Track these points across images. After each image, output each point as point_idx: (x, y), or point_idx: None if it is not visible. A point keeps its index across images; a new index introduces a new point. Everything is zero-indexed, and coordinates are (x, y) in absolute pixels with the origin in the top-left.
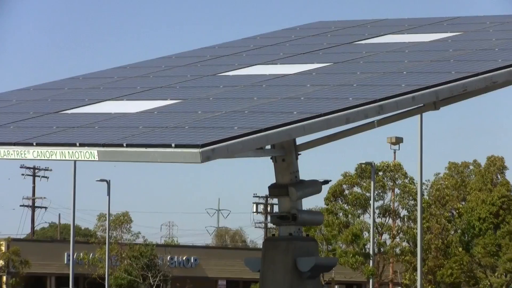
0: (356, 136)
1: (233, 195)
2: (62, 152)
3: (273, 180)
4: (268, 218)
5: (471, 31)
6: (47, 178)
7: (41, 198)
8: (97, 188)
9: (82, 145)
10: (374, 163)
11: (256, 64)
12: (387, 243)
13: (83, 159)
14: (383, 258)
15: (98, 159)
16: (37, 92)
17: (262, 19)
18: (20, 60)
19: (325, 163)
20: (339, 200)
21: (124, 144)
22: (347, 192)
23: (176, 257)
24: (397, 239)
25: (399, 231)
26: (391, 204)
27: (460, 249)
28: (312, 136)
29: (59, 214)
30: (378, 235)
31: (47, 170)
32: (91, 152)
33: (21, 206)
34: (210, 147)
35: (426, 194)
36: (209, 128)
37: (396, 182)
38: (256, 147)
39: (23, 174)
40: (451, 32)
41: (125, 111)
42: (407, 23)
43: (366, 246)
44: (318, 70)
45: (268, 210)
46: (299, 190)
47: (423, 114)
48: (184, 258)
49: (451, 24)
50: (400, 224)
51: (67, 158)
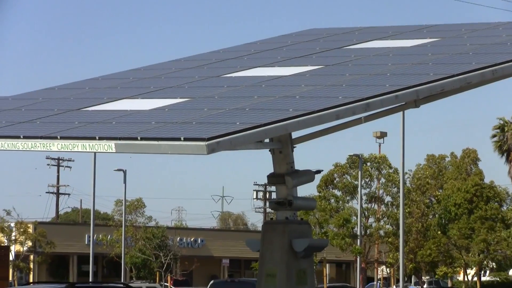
0: (345, 130)
1: (235, 183)
2: (83, 144)
3: (271, 170)
4: (267, 204)
5: (448, 37)
6: (70, 168)
7: (64, 185)
8: (114, 177)
9: (101, 138)
10: (362, 155)
11: (256, 67)
12: (373, 226)
13: (102, 151)
14: (369, 240)
15: (115, 151)
16: (61, 91)
17: (262, 26)
18: (31, 61)
19: (317, 154)
20: (330, 187)
21: (139, 138)
22: (337, 181)
23: (184, 238)
24: (381, 223)
25: (384, 216)
26: (376, 191)
27: (438, 231)
28: (306, 131)
29: (81, 200)
30: (365, 219)
31: (70, 160)
32: (109, 144)
33: (46, 193)
34: (215, 140)
35: (407, 183)
36: (214, 124)
37: (381, 172)
38: (256, 140)
39: (48, 164)
40: (430, 38)
41: (139, 108)
42: (391, 30)
43: (354, 229)
44: (311, 72)
45: (267, 196)
46: (295, 178)
47: (405, 111)
48: (191, 239)
49: (430, 31)
50: (384, 209)
51: (88, 150)
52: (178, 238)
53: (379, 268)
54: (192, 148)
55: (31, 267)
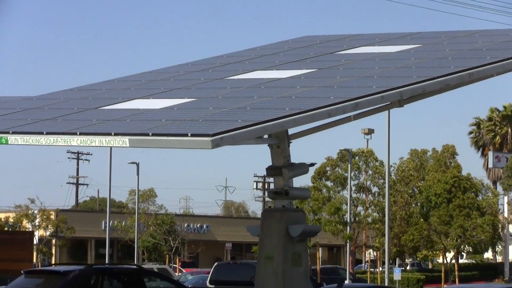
0: (336, 127)
1: (237, 175)
2: (100, 140)
3: (269, 163)
4: (266, 194)
5: (429, 43)
6: (88, 161)
7: (83, 177)
8: (128, 169)
9: (116, 134)
10: (351, 150)
11: (256, 70)
12: (361, 214)
13: (117, 145)
14: (358, 226)
15: (129, 146)
16: (80, 92)
17: (262, 33)
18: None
19: (311, 149)
20: (323, 179)
21: (150, 134)
22: (329, 173)
23: (191, 224)
24: (369, 211)
25: (371, 204)
26: (364, 182)
27: (420, 218)
28: (301, 128)
29: (98, 190)
30: (354, 207)
31: (88, 154)
32: (123, 140)
33: (67, 183)
34: (219, 136)
35: (392, 175)
36: (218, 121)
37: (369, 165)
38: (256, 136)
39: (69, 158)
40: (413, 44)
41: (151, 107)
42: (377, 38)
43: (344, 216)
44: (306, 74)
45: (266, 187)
46: (291, 171)
47: (390, 110)
48: (198, 225)
49: (412, 38)
50: (371, 198)
51: (104, 145)
52: (186, 224)
53: (366, 252)
54: (198, 143)
55: (53, 250)
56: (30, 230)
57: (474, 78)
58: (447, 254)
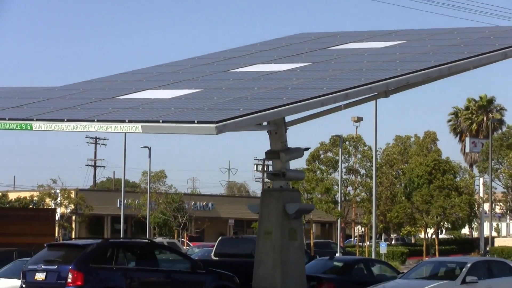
0: (328, 115)
1: (239, 158)
2: (116, 126)
3: (268, 147)
4: (265, 175)
5: (412, 40)
6: (105, 145)
7: (100, 159)
8: (141, 152)
9: (130, 121)
10: (342, 136)
11: (256, 64)
12: (351, 194)
13: (131, 131)
14: (347, 204)
15: (141, 132)
16: (98, 83)
17: (262, 30)
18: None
19: (306, 135)
20: (316, 162)
21: (161, 121)
22: (322, 156)
23: (198, 202)
24: (358, 191)
25: (359, 185)
26: (354, 165)
27: (403, 198)
28: (296, 115)
29: (114, 171)
30: (344, 187)
31: (105, 139)
32: (136, 126)
33: (86, 165)
34: (222, 123)
35: (379, 158)
36: (222, 110)
37: (358, 150)
38: (256, 123)
39: (87, 142)
40: (398, 41)
41: (161, 97)
42: (366, 34)
43: (335, 196)
44: (301, 68)
45: (265, 169)
46: (287, 154)
47: (377, 100)
48: (204, 204)
49: (398, 35)
50: (360, 179)
51: (119, 131)
52: (193, 203)
53: (355, 227)
54: (204, 129)
55: (73, 226)
56: (52, 207)
57: (453, 71)
58: (428, 230)
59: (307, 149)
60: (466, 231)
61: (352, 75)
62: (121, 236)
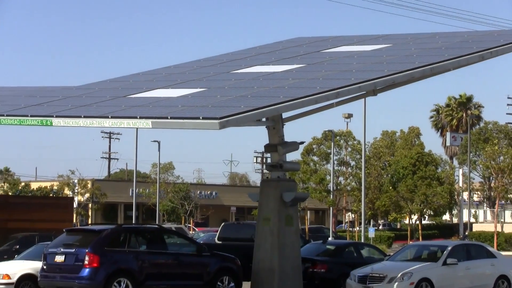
0: (321, 112)
1: (241, 151)
2: (128, 122)
3: (267, 141)
4: (264, 167)
5: (398, 43)
6: (119, 139)
7: (114, 152)
8: (151, 146)
9: (141, 117)
10: (333, 131)
11: (256, 65)
12: (342, 183)
13: (141, 127)
14: (339, 193)
15: (151, 127)
16: (112, 83)
17: (261, 34)
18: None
19: (301, 130)
20: (310, 154)
21: (169, 117)
22: (315, 150)
23: (203, 191)
24: (348, 181)
25: (350, 175)
26: (344, 157)
27: (390, 187)
28: (292, 112)
29: (126, 163)
30: (336, 178)
31: (119, 134)
32: (147, 122)
33: (101, 158)
34: (225, 119)
35: (367, 151)
36: (224, 107)
37: (348, 143)
38: (256, 119)
39: (102, 137)
40: (384, 44)
41: (169, 95)
42: (356, 39)
43: (328, 185)
44: (297, 69)
45: (264, 161)
46: (284, 148)
47: (366, 98)
48: (208, 192)
49: (384, 39)
50: (350, 170)
51: (131, 126)
52: (198, 192)
53: (346, 214)
54: (208, 125)
55: (89, 213)
56: (71, 196)
57: (435, 71)
58: (412, 216)
59: (302, 143)
60: (447, 217)
61: (343, 76)
62: (133, 222)
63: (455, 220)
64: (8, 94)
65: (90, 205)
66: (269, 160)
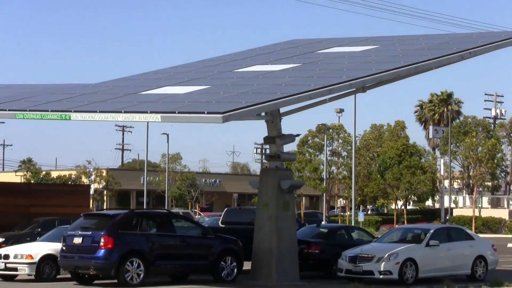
0: (316, 107)
1: (242, 143)
2: (139, 116)
3: (266, 134)
4: (263, 157)
5: (385, 45)
6: (131, 132)
7: (127, 144)
8: (161, 138)
9: (151, 112)
10: (326, 124)
11: (256, 65)
12: (334, 172)
13: (152, 120)
14: (331, 181)
15: (161, 121)
16: (124, 81)
17: (261, 36)
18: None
19: (297, 123)
20: (305, 146)
21: (176, 112)
22: (310, 141)
23: (207, 179)
24: (340, 170)
25: (341, 165)
26: (336, 148)
27: (378, 175)
28: (289, 107)
29: (138, 154)
30: (328, 167)
31: (131, 127)
32: (156, 116)
33: (115, 149)
34: (228, 113)
35: (358, 143)
36: (227, 102)
37: (340, 136)
38: (256, 113)
39: (116, 130)
40: (373, 45)
41: (177, 92)
42: (347, 40)
43: (321, 174)
44: (293, 68)
45: (263, 152)
46: (282, 140)
47: (356, 95)
48: (212, 180)
49: (373, 40)
50: (342, 160)
51: (142, 120)
52: (203, 180)
53: (338, 200)
54: (212, 119)
55: (104, 199)
56: (87, 183)
57: (419, 70)
58: (398, 202)
59: (298, 135)
60: (429, 203)
61: (335, 74)
62: (144, 207)
63: (437, 205)
64: (30, 91)
65: (105, 192)
66: (268, 151)
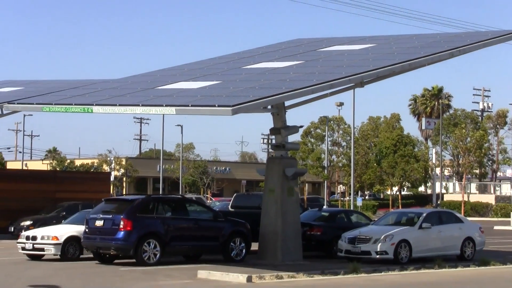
0: (318, 101)
1: (250, 133)
2: (156, 109)
3: (272, 125)
4: (269, 147)
5: (381, 43)
6: (148, 123)
7: (144, 135)
8: (175, 129)
9: (167, 105)
10: (328, 116)
11: (262, 62)
12: (335, 161)
13: (167, 113)
14: (332, 169)
15: (175, 113)
16: (142, 77)
17: (267, 36)
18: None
19: (300, 115)
20: (308, 136)
21: (190, 105)
22: (312, 132)
23: (218, 167)
24: (340, 158)
25: (341, 154)
26: (337, 139)
27: (375, 164)
28: (293, 101)
29: (154, 144)
30: (329, 156)
31: (148, 119)
32: (171, 109)
33: (133, 139)
34: (237, 106)
35: (356, 134)
36: (236, 96)
37: (340, 127)
38: (262, 106)
39: (134, 121)
40: (370, 44)
41: (190, 87)
42: (346, 40)
43: (323, 162)
44: (297, 65)
45: (269, 142)
46: (286, 131)
47: (355, 89)
48: (223, 168)
49: (370, 39)
50: (342, 150)
51: (158, 113)
52: (214, 167)
53: (338, 186)
54: (222, 111)
55: (124, 185)
56: (108, 171)
57: (412, 66)
58: (393, 188)
59: (301, 126)
60: (422, 189)
61: (336, 70)
62: (160, 193)
63: (429, 191)
64: (55, 86)
65: (124, 178)
66: (273, 141)
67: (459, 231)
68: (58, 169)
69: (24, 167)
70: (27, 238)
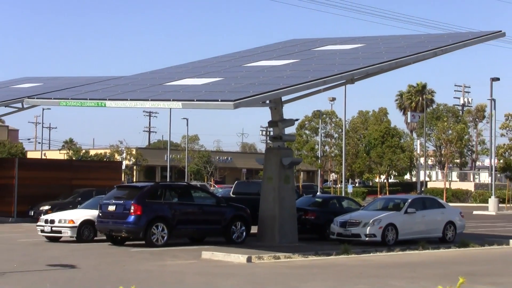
0: (312, 96)
1: (250, 125)
2: (163, 103)
3: (270, 118)
4: (268, 138)
5: (371, 43)
6: (156, 117)
7: (153, 127)
8: (181, 122)
9: (174, 100)
10: (321, 110)
11: (261, 60)
12: (327, 151)
13: (174, 107)
14: (325, 158)
15: (182, 107)
16: (151, 74)
17: (266, 36)
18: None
19: (296, 109)
20: (303, 129)
21: (195, 100)
22: (307, 125)
23: (221, 157)
24: (332, 149)
25: (333, 145)
26: (329, 131)
27: (364, 154)
28: (289, 96)
29: (162, 135)
30: (323, 147)
31: (156, 113)
32: (178, 103)
33: (143, 131)
34: (238, 101)
35: (347, 126)
36: (237, 92)
37: (332, 120)
38: (261, 101)
39: (144, 115)
40: (360, 44)
41: (195, 83)
42: (338, 40)
43: (316, 153)
44: (293, 63)
45: (267, 133)
46: (283, 124)
47: (346, 86)
48: (225, 158)
49: (360, 40)
50: (334, 141)
51: (166, 107)
52: (217, 157)
53: (331, 174)
54: (225, 105)
55: (134, 173)
56: (119, 160)
57: (399, 65)
58: (381, 176)
59: (297, 120)
60: (407, 177)
61: (329, 68)
62: (167, 180)
63: (414, 179)
64: (72, 82)
65: (134, 167)
66: (271, 133)
67: (441, 215)
68: (74, 158)
69: (43, 157)
70: (46, 221)
